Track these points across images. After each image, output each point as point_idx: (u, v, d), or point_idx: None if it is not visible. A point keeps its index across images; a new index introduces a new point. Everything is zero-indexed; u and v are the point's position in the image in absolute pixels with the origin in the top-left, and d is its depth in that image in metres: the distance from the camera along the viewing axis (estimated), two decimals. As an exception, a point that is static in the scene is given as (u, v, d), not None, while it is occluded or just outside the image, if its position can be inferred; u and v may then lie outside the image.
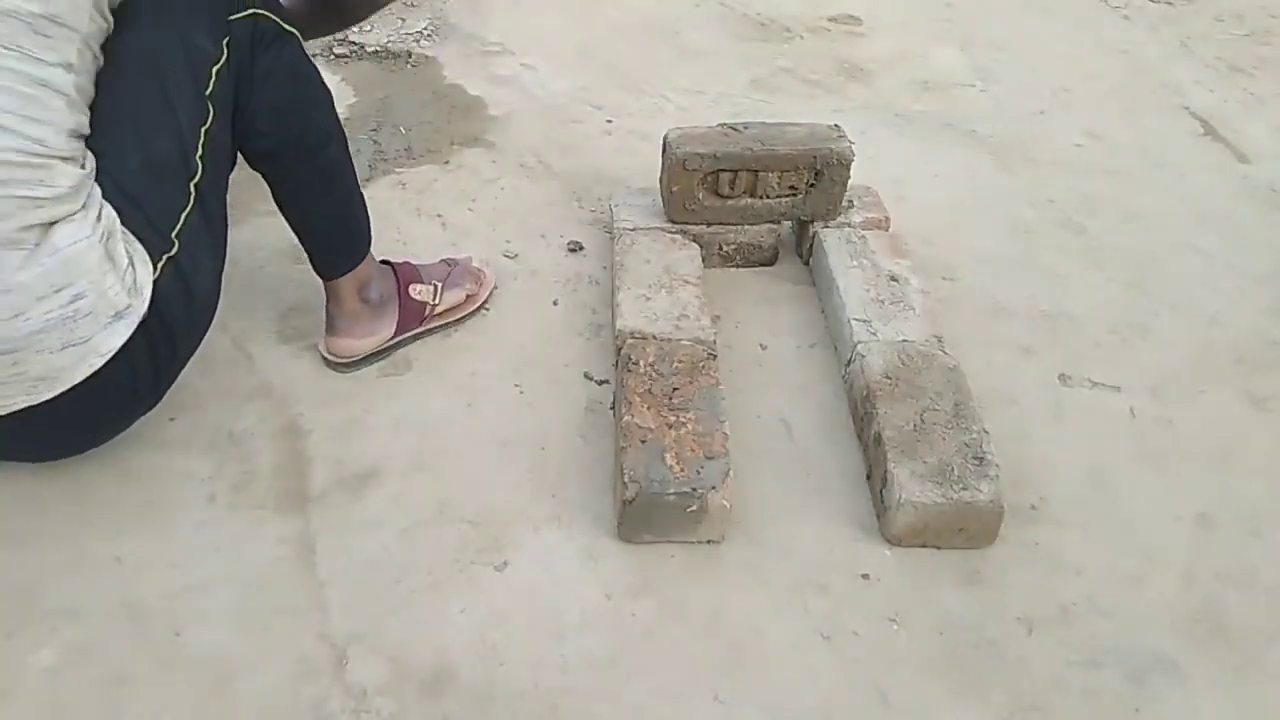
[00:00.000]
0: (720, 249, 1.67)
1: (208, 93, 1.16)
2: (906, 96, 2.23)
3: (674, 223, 1.62)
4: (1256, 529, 1.32)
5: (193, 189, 1.16)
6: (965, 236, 1.75)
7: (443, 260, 1.57)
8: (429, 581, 1.20)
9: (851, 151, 1.59)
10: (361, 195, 1.41)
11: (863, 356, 1.41)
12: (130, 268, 1.11)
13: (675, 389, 1.32)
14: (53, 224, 1.06)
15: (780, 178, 1.60)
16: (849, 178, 1.61)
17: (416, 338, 1.50)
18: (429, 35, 2.34)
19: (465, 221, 1.77)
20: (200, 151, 1.16)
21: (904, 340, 1.43)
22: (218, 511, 1.26)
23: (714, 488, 1.21)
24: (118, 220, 1.11)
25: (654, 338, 1.39)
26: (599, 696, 1.10)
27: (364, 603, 1.17)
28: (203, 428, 1.36)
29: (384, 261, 1.49)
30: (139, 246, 1.12)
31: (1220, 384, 1.54)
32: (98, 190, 1.11)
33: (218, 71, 1.17)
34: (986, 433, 1.30)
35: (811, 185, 1.61)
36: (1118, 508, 1.33)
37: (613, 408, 1.41)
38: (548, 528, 1.26)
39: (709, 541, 1.25)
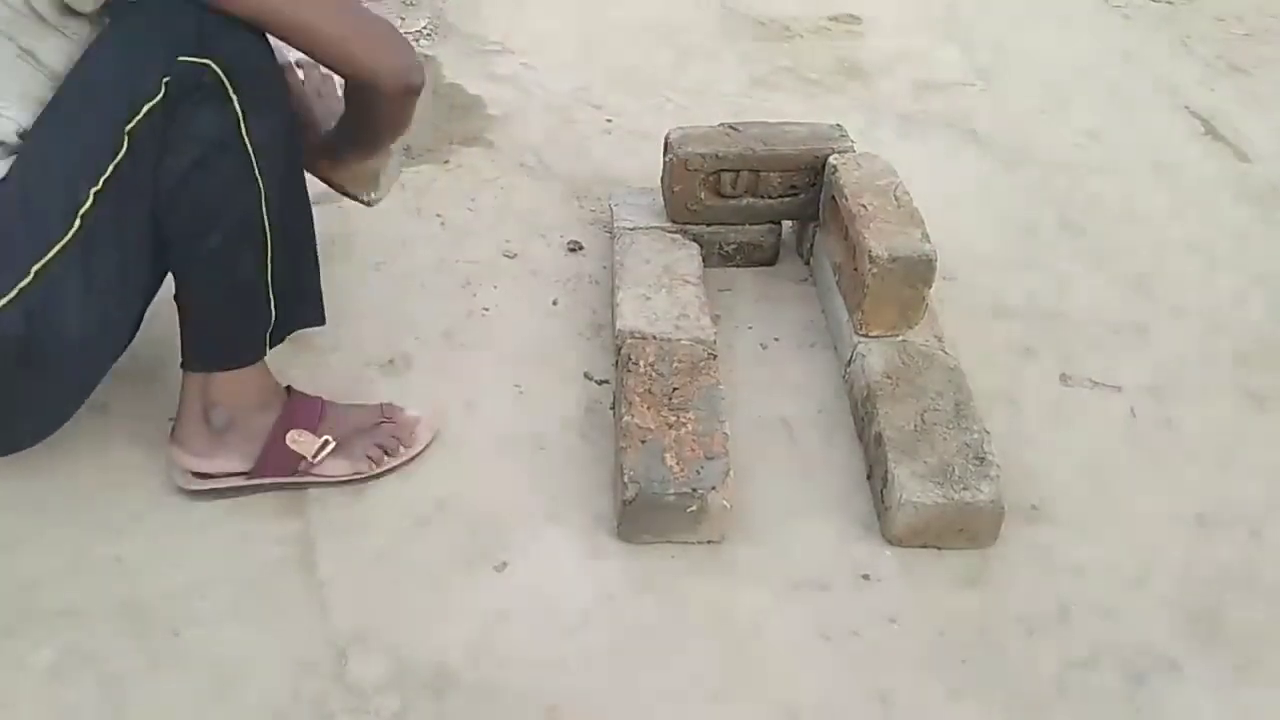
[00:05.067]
0: (720, 249, 1.66)
1: (128, 127, 1.02)
2: (906, 96, 2.23)
3: (675, 223, 1.62)
4: (1256, 529, 1.32)
5: (78, 220, 1.02)
6: (965, 236, 1.75)
7: (381, 406, 1.34)
8: (429, 581, 1.20)
9: (853, 152, 1.59)
10: (256, 306, 1.21)
11: (863, 356, 1.41)
12: None
13: (675, 389, 1.32)
14: None
15: (782, 178, 1.60)
16: (849, 177, 1.61)
17: (294, 486, 1.28)
18: (428, 34, 2.34)
19: (465, 221, 1.77)
20: (99, 186, 1.02)
21: (904, 340, 1.43)
22: (218, 511, 1.26)
23: (714, 488, 1.21)
24: None
25: (654, 338, 1.39)
26: (599, 696, 1.10)
27: (364, 603, 1.17)
28: (203, 427, 1.36)
29: (289, 389, 1.30)
30: None
31: (1220, 384, 1.54)
32: None
33: (149, 109, 1.03)
34: (987, 433, 1.30)
35: (813, 185, 1.61)
36: (1118, 508, 1.33)
37: (613, 408, 1.41)
38: (548, 528, 1.26)
39: (709, 541, 1.25)
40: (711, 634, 1.16)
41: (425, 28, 2.35)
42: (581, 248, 1.72)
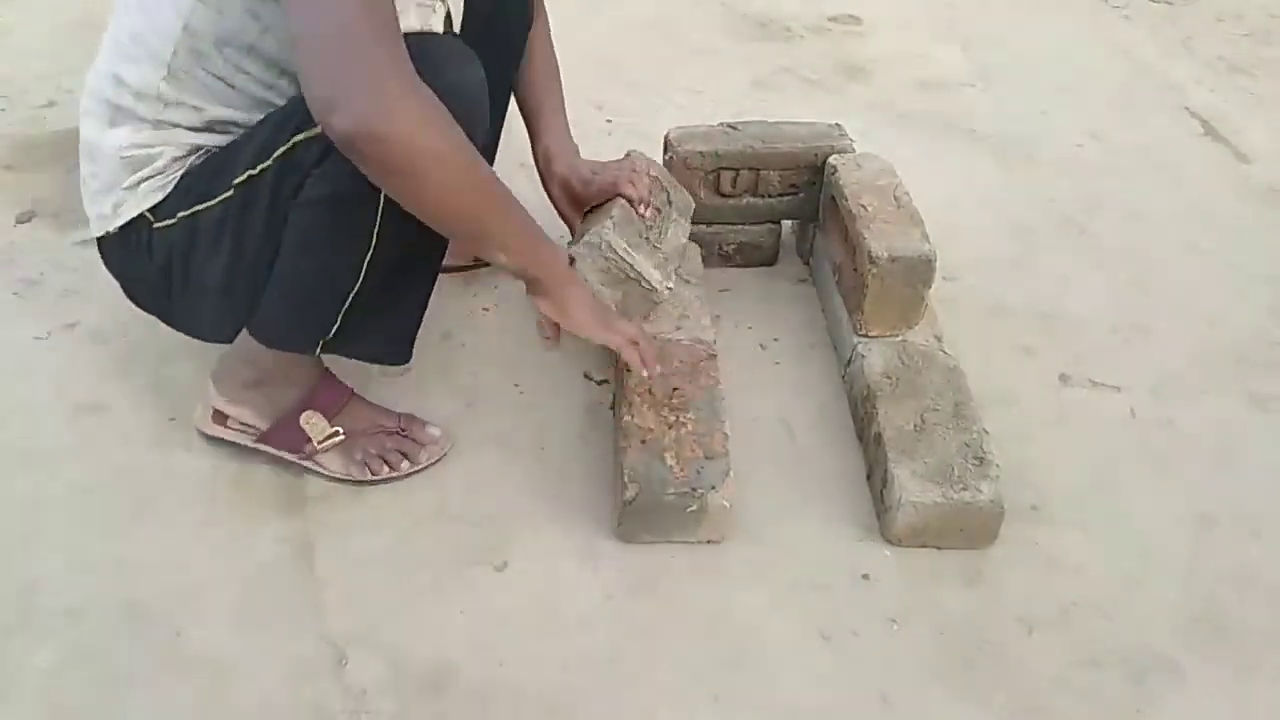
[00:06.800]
0: (720, 249, 1.66)
1: (296, 139, 1.11)
2: (907, 96, 2.23)
3: (674, 222, 1.62)
4: (1256, 529, 1.32)
5: (231, 190, 1.14)
6: (965, 236, 1.75)
7: (402, 416, 1.34)
8: (429, 581, 1.20)
9: (853, 149, 1.59)
10: (323, 316, 1.20)
11: (863, 356, 1.41)
12: (129, 189, 1.16)
13: (675, 389, 1.32)
14: (120, 113, 1.14)
15: (782, 176, 1.60)
16: (849, 177, 1.61)
17: (294, 473, 1.30)
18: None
19: (465, 221, 1.76)
20: (254, 171, 1.13)
21: (904, 340, 1.43)
22: (218, 511, 1.26)
23: (714, 488, 1.21)
24: (182, 163, 1.16)
25: (654, 338, 1.39)
26: (599, 696, 1.10)
27: (364, 603, 1.17)
28: (203, 427, 1.36)
29: (326, 371, 1.32)
30: (172, 185, 1.16)
31: (1221, 384, 1.54)
32: (188, 135, 1.16)
33: (307, 138, 1.10)
34: (987, 433, 1.30)
35: (812, 184, 1.61)
36: (1118, 508, 1.33)
37: (613, 408, 1.41)
38: (547, 528, 1.26)
39: (709, 541, 1.25)
40: (711, 634, 1.16)
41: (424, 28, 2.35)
42: (581, 248, 1.72)
